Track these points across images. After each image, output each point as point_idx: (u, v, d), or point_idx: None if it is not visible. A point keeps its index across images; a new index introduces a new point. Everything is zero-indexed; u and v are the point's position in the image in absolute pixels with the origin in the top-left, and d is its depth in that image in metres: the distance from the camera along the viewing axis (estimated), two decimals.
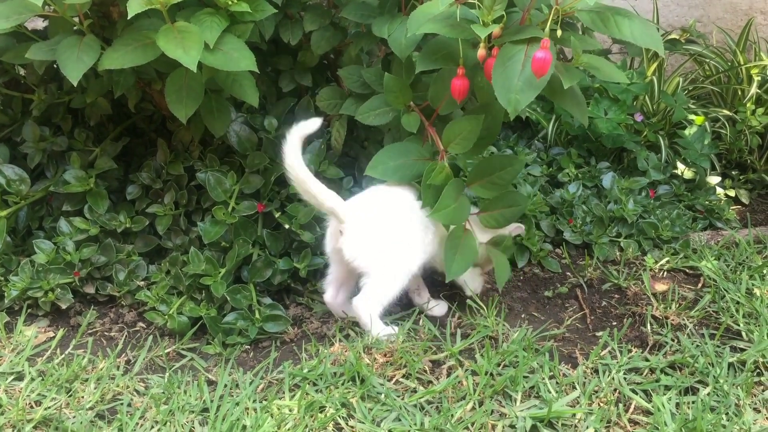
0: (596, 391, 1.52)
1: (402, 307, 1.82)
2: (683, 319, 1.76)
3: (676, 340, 1.69)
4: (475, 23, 1.47)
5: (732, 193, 2.47)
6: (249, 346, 1.70)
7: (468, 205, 1.67)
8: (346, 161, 2.02)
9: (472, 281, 1.83)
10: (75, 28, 1.61)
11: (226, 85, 1.66)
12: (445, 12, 1.53)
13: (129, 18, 1.44)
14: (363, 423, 1.43)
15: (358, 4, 1.81)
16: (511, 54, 1.46)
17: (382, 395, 1.50)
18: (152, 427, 1.43)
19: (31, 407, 1.48)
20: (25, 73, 2.03)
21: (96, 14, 1.69)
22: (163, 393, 1.52)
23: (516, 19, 1.55)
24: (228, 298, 1.72)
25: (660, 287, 1.91)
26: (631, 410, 1.48)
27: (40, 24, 2.03)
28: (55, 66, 1.93)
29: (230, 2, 1.57)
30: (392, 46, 1.68)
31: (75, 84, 1.52)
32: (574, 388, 1.53)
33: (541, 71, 1.39)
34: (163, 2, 1.46)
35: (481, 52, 1.51)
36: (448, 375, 1.57)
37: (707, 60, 2.78)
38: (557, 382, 1.54)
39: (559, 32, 1.42)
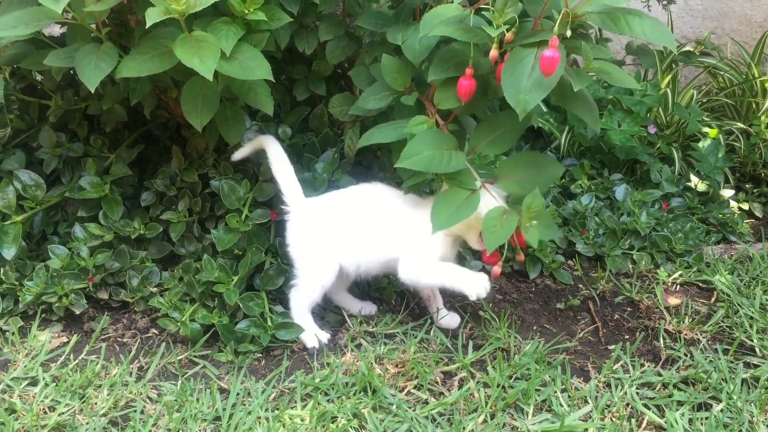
0: (608, 406, 1.52)
1: (413, 318, 1.82)
2: (696, 334, 1.75)
3: (689, 355, 1.68)
4: (486, 26, 1.48)
5: (746, 206, 2.46)
6: (261, 354, 1.71)
7: (462, 160, 1.56)
8: (360, 170, 2.02)
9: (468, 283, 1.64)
10: (92, 35, 1.62)
11: (241, 94, 1.66)
12: (457, 16, 1.54)
13: (147, 27, 1.45)
14: None
15: (372, 13, 1.82)
16: (521, 56, 1.46)
17: (394, 406, 1.50)
18: None
19: (45, 413, 1.49)
20: (42, 79, 2.04)
21: (114, 22, 1.70)
22: (176, 400, 1.52)
23: (528, 28, 1.56)
24: (241, 305, 1.72)
25: (673, 301, 1.90)
26: (643, 425, 1.47)
27: (56, 30, 2.05)
28: (71, 72, 1.95)
29: (247, 11, 1.58)
30: (406, 52, 1.68)
31: (92, 91, 1.53)
32: (587, 402, 1.52)
33: (549, 69, 1.39)
34: (180, 12, 1.47)
35: (494, 53, 1.50)
36: (460, 387, 1.57)
37: (721, 72, 2.77)
38: (569, 396, 1.54)
39: (568, 33, 1.43)
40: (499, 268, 1.62)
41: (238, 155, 1.81)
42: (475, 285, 1.60)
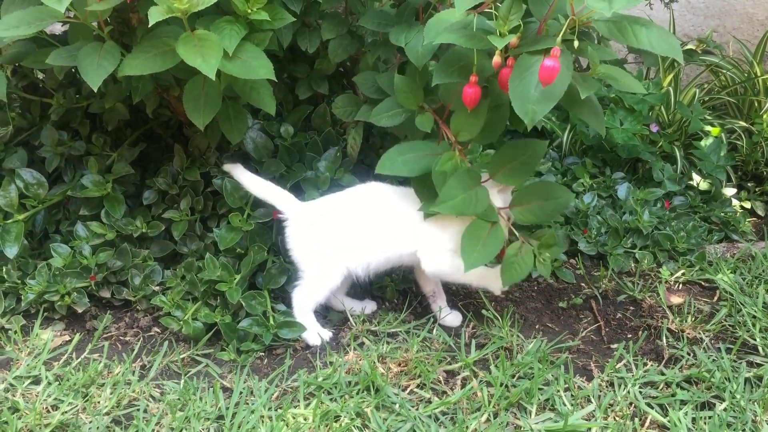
0: (612, 405, 1.52)
1: (416, 316, 1.82)
2: (699, 333, 1.75)
3: (692, 354, 1.68)
4: (492, 33, 1.47)
5: (748, 205, 2.45)
6: (263, 353, 1.71)
7: (486, 195, 1.61)
8: (362, 169, 2.02)
9: (494, 280, 1.72)
10: (95, 34, 1.62)
11: (243, 93, 1.66)
12: (461, 21, 1.53)
13: (149, 25, 1.44)
14: None
15: (375, 12, 1.82)
16: (528, 65, 1.45)
17: (397, 405, 1.50)
18: None
19: (48, 411, 1.49)
20: (44, 77, 2.04)
21: (116, 20, 1.70)
22: (179, 399, 1.52)
23: (533, 29, 1.55)
24: (243, 304, 1.72)
25: (675, 300, 1.90)
26: (647, 425, 1.47)
27: (57, 28, 2.04)
28: (73, 70, 1.94)
29: (249, 10, 1.58)
30: (409, 54, 1.68)
31: (95, 90, 1.53)
32: (590, 401, 1.52)
33: (548, 80, 1.38)
34: (183, 10, 1.47)
35: (497, 59, 1.50)
36: (463, 386, 1.57)
37: (723, 71, 2.77)
38: (572, 395, 1.54)
39: (576, 43, 1.42)
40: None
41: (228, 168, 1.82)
42: (499, 281, 1.67)
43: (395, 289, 1.89)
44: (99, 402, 1.51)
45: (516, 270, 1.60)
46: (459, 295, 1.91)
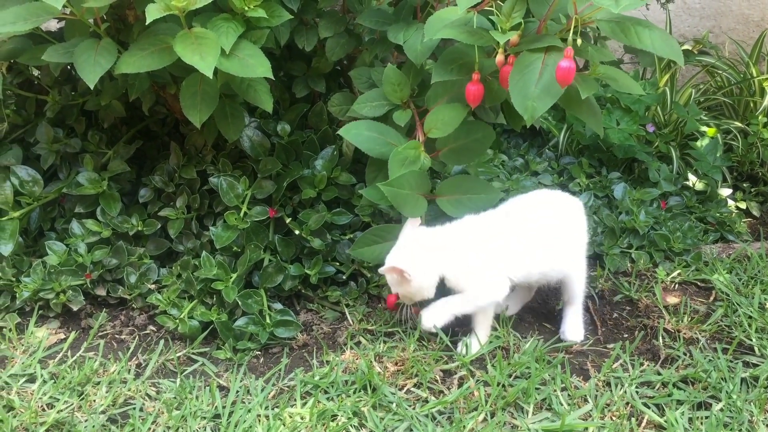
0: (608, 405, 1.52)
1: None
2: (695, 333, 1.75)
3: (688, 354, 1.68)
4: (492, 30, 1.48)
5: (743, 205, 2.46)
6: (259, 352, 1.70)
7: (424, 204, 1.63)
8: (358, 168, 2.02)
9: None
10: (91, 30, 1.61)
11: (240, 91, 1.66)
12: (462, 18, 1.54)
13: (147, 23, 1.44)
14: None
15: (373, 10, 1.82)
16: (528, 62, 1.46)
17: (394, 404, 1.49)
18: None
19: (44, 410, 1.48)
20: (39, 74, 2.03)
21: (112, 17, 1.69)
22: (175, 398, 1.51)
23: (533, 28, 1.56)
24: (239, 303, 1.72)
25: (672, 300, 1.90)
26: (643, 424, 1.47)
27: (53, 24, 2.03)
28: (69, 67, 1.94)
29: (247, 8, 1.57)
30: (408, 52, 1.68)
31: (92, 87, 1.52)
32: (587, 401, 1.52)
33: (566, 80, 1.39)
34: (181, 8, 1.46)
35: (500, 57, 1.51)
36: (460, 385, 1.57)
37: (719, 71, 2.77)
38: (569, 395, 1.54)
39: (579, 41, 1.43)
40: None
41: None
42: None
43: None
44: (95, 400, 1.50)
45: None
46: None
